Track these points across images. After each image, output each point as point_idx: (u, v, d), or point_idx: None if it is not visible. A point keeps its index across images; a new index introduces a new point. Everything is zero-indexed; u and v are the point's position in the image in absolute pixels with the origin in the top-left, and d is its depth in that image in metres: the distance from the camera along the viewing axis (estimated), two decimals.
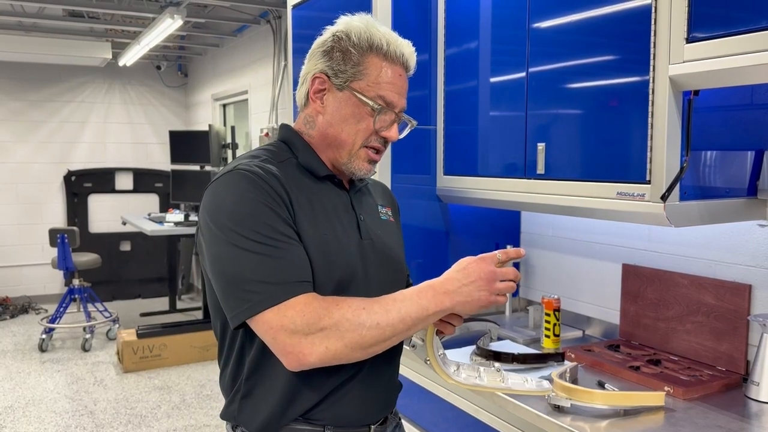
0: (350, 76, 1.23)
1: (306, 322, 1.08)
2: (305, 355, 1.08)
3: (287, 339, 1.08)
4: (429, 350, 1.24)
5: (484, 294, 1.13)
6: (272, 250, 1.11)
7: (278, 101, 5.17)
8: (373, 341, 1.11)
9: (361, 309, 1.10)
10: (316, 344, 1.08)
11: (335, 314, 1.09)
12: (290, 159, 1.27)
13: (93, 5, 5.00)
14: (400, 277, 1.37)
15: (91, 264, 5.73)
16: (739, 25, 1.40)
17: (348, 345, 1.09)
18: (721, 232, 1.91)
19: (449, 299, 1.13)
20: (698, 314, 1.95)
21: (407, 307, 1.12)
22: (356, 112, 1.23)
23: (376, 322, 1.10)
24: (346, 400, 1.24)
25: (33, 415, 4.11)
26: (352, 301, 1.12)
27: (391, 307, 1.12)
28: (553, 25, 1.93)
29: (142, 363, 4.93)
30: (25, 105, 7.04)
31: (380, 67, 1.23)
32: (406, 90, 1.27)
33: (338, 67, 1.23)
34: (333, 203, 1.27)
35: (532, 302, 2.55)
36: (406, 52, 1.25)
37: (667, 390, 1.70)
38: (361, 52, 1.22)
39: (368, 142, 1.26)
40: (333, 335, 1.08)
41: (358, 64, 1.22)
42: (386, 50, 1.22)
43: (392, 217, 1.44)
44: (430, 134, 2.46)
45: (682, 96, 1.58)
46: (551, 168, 1.96)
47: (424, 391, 2.10)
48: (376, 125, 1.24)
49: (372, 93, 1.22)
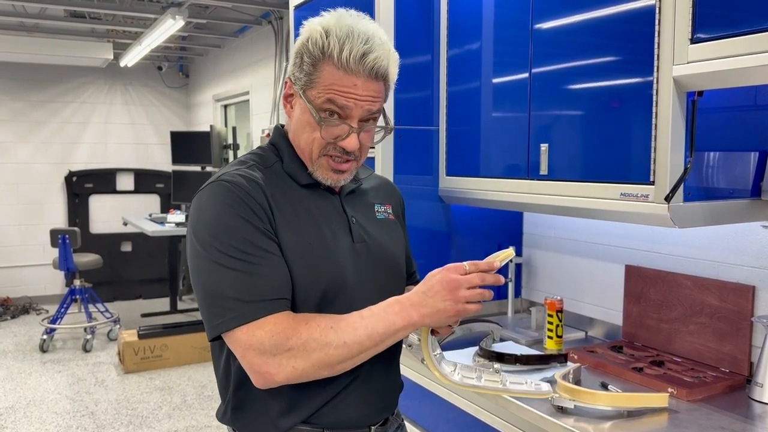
0: (304, 84, 1.17)
1: (274, 342, 1.08)
2: (272, 375, 1.09)
3: (255, 358, 1.09)
4: (424, 350, 1.23)
5: (449, 304, 1.10)
6: (248, 266, 1.11)
7: (279, 102, 5.17)
8: (341, 359, 1.11)
9: (328, 328, 1.10)
10: (283, 365, 1.08)
11: (303, 334, 1.09)
12: (277, 163, 1.26)
13: (94, 6, 5.00)
14: (398, 278, 1.35)
15: (92, 264, 5.73)
16: (744, 26, 1.40)
17: (315, 364, 1.09)
18: (724, 233, 1.91)
19: (416, 312, 1.12)
20: (701, 315, 1.94)
21: (374, 323, 1.12)
22: (310, 120, 1.18)
23: (343, 341, 1.10)
24: (345, 403, 1.23)
25: (34, 415, 4.10)
26: (320, 320, 1.11)
27: (359, 324, 1.11)
28: (556, 26, 1.93)
29: (143, 364, 4.92)
30: (26, 105, 7.04)
31: (332, 75, 1.14)
32: (370, 96, 1.16)
33: (297, 73, 1.19)
34: (321, 208, 1.25)
35: (534, 303, 2.55)
36: (369, 58, 1.13)
37: (670, 391, 1.70)
38: (314, 60, 1.15)
39: (326, 151, 1.20)
40: (300, 355, 1.08)
41: (310, 73, 1.16)
42: (338, 57, 1.13)
43: (392, 214, 1.40)
44: (433, 135, 2.46)
45: (686, 97, 1.57)
46: (554, 169, 1.95)
47: (425, 392, 2.09)
48: (324, 135, 1.17)
49: (320, 101, 1.15)
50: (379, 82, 1.17)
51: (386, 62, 1.17)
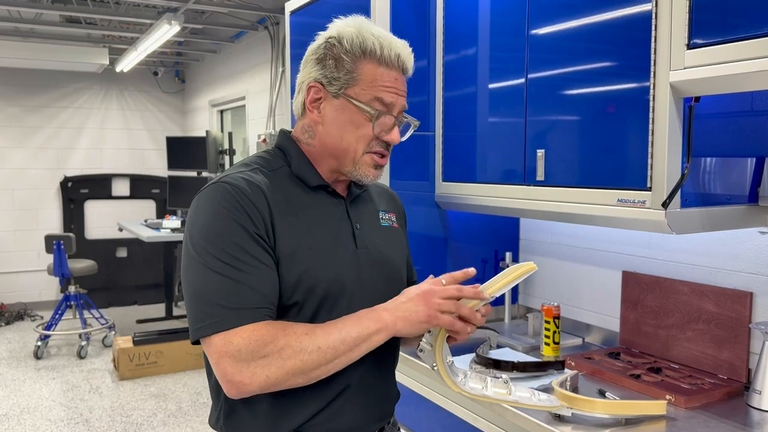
0: (344, 83, 1.20)
1: (250, 350, 1.07)
2: (245, 384, 1.08)
3: (229, 366, 1.08)
4: (437, 356, 1.21)
5: (422, 309, 1.13)
6: (235, 273, 1.10)
7: (276, 107, 5.16)
8: (315, 365, 1.10)
9: (303, 335, 1.10)
10: (257, 374, 1.07)
11: (280, 341, 1.08)
12: (283, 167, 1.26)
13: (90, 11, 5.00)
14: (397, 285, 1.34)
15: (87, 270, 5.70)
16: (740, 32, 1.40)
17: (289, 372, 1.08)
18: (721, 239, 1.90)
19: (389, 315, 1.13)
20: (699, 322, 1.93)
21: (348, 328, 1.12)
22: (354, 118, 1.21)
23: (317, 346, 1.09)
24: (339, 412, 1.22)
25: (28, 423, 4.07)
26: (297, 328, 1.11)
27: (333, 329, 1.12)
28: (552, 32, 1.93)
29: (138, 370, 4.90)
30: (21, 111, 7.03)
31: (374, 71, 1.20)
32: (404, 91, 1.25)
33: (332, 74, 1.21)
34: (325, 213, 1.25)
35: (531, 310, 2.54)
36: (402, 54, 1.22)
37: (668, 398, 1.69)
38: (354, 59, 1.20)
39: (370, 147, 1.23)
40: (275, 363, 1.07)
41: (352, 71, 1.20)
42: (380, 54, 1.20)
43: (395, 222, 1.41)
44: (429, 140, 2.45)
45: (683, 102, 1.57)
46: (551, 174, 1.95)
47: (421, 399, 2.08)
48: (376, 130, 1.21)
49: (367, 97, 1.20)
50: (404, 78, 1.26)
51: (412, 61, 1.26)
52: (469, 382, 1.28)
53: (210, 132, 5.95)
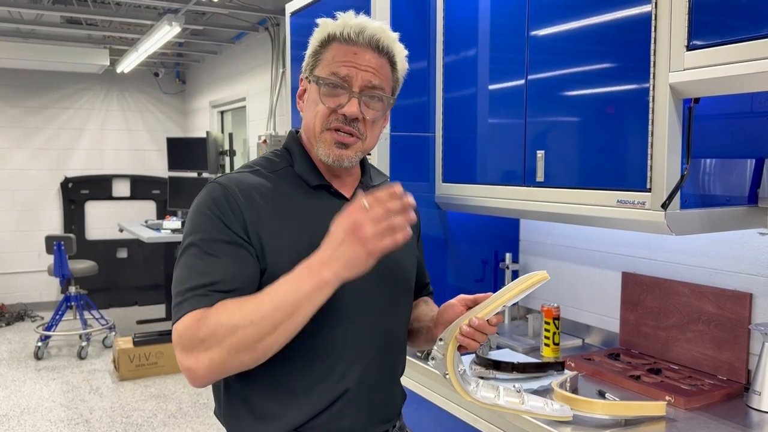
0: (312, 66, 1.24)
1: (189, 336, 1.06)
2: (194, 371, 1.06)
3: (179, 355, 1.08)
4: (449, 365, 1.20)
5: (359, 249, 1.01)
6: (197, 262, 1.12)
7: (276, 108, 5.16)
8: (254, 339, 1.04)
9: (235, 310, 1.05)
10: (200, 358, 1.05)
11: (212, 322, 1.05)
12: (287, 168, 1.26)
13: (91, 12, 5.00)
14: (405, 286, 1.33)
15: (87, 271, 5.71)
16: (740, 33, 1.40)
17: (230, 350, 1.04)
18: (721, 241, 1.90)
19: (327, 270, 1.03)
20: (699, 323, 1.93)
21: (282, 294, 1.04)
22: (313, 96, 1.23)
23: (250, 320, 1.03)
24: (341, 414, 1.21)
25: (28, 423, 4.07)
26: (228, 304, 1.07)
27: (265, 299, 1.05)
28: (552, 33, 1.93)
29: (138, 371, 4.90)
30: (22, 111, 7.03)
31: (335, 49, 1.21)
32: (370, 66, 1.20)
33: (305, 63, 1.26)
34: (326, 214, 1.21)
35: (531, 310, 2.54)
36: (368, 29, 1.21)
37: (668, 399, 1.69)
38: (322, 43, 1.23)
39: (329, 123, 1.21)
40: (213, 345, 1.04)
41: (317, 53, 1.23)
42: (340, 33, 1.21)
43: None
44: (429, 141, 2.45)
45: (683, 104, 1.57)
46: (551, 175, 1.95)
47: (421, 400, 2.08)
48: (326, 102, 1.20)
49: (325, 74, 1.21)
50: (381, 57, 1.22)
51: (387, 39, 1.22)
52: (482, 391, 1.26)
53: (210, 133, 5.96)
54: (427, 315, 1.38)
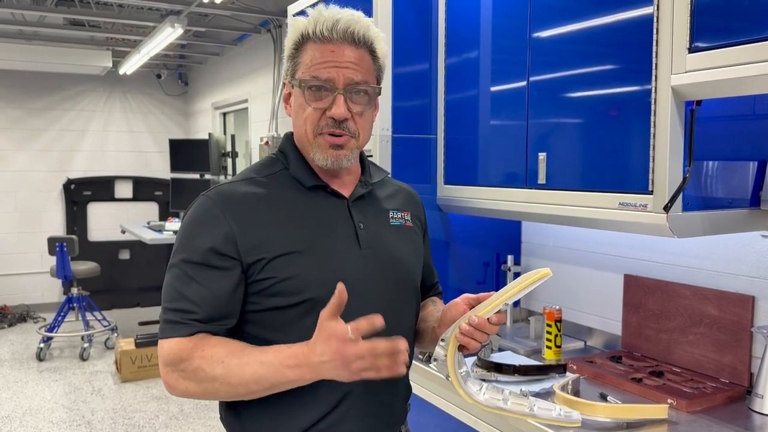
0: (293, 70, 1.22)
1: (170, 360, 1.12)
2: (170, 386, 1.14)
3: (161, 366, 1.14)
4: (450, 367, 1.18)
5: (345, 373, 1.04)
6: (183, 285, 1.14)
7: (278, 110, 5.17)
8: (229, 395, 1.13)
9: (219, 362, 1.09)
10: (179, 382, 1.12)
11: (195, 362, 1.10)
12: (282, 171, 1.26)
13: (94, 14, 5.01)
14: (409, 286, 1.32)
15: (89, 272, 5.71)
16: (742, 35, 1.40)
17: (205, 392, 1.12)
18: (723, 243, 1.90)
19: (311, 373, 1.06)
20: (701, 325, 1.93)
21: (265, 370, 1.08)
22: (299, 102, 1.21)
23: (228, 381, 1.09)
24: (345, 417, 1.20)
25: (30, 424, 4.08)
26: (214, 351, 1.10)
27: (250, 366, 1.08)
28: (554, 35, 1.93)
29: (140, 372, 4.90)
30: (24, 113, 7.04)
31: (311, 50, 1.19)
32: (351, 62, 1.18)
33: (286, 67, 1.25)
34: (324, 214, 1.23)
35: (533, 313, 2.53)
36: (341, 22, 1.17)
37: (670, 402, 1.69)
38: (296, 44, 1.21)
39: (321, 128, 1.20)
40: (191, 380, 1.11)
41: (295, 56, 1.21)
42: (312, 32, 1.18)
43: (409, 221, 1.37)
44: (431, 143, 2.45)
45: (685, 106, 1.57)
46: (552, 178, 1.95)
47: (422, 402, 2.08)
48: (312, 104, 1.18)
49: (306, 77, 1.18)
50: (359, 49, 1.19)
51: (362, 28, 1.19)
52: (486, 394, 1.24)
53: (213, 134, 5.96)
54: (433, 315, 1.37)
